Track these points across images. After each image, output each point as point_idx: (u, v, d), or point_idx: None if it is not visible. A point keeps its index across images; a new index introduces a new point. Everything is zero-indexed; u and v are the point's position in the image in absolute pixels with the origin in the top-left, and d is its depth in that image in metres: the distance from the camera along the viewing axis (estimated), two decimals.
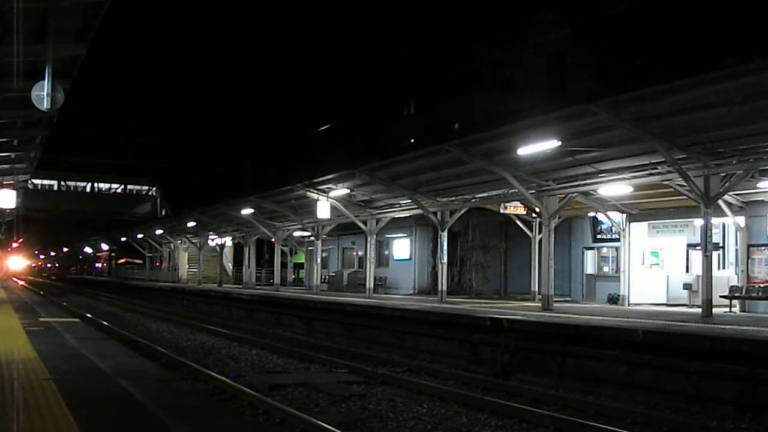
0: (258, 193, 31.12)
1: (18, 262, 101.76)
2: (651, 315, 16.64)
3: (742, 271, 19.52)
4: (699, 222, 17.33)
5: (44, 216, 60.05)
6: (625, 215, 22.19)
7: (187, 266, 51.88)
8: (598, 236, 25.66)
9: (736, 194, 18.55)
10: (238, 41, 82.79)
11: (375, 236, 27.87)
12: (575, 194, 19.49)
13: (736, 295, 19.03)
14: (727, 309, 18.72)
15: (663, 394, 11.35)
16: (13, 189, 25.00)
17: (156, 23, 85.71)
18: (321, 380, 12.91)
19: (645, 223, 22.31)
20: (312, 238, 33.79)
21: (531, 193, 19.49)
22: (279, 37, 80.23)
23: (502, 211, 24.84)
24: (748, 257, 19.42)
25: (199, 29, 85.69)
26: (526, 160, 17.45)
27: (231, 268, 51.93)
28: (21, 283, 65.05)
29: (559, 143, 15.62)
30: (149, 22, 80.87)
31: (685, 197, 17.22)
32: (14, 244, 73.77)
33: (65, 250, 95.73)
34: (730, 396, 10.63)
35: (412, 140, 42.66)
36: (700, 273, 17.23)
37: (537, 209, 20.88)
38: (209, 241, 46.47)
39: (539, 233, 23.20)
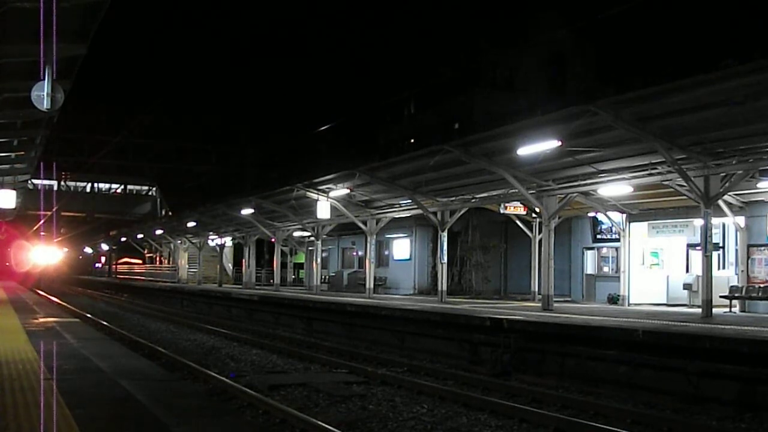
0: (258, 193, 31.13)
1: (48, 255, 65.51)
2: (651, 315, 16.64)
3: (742, 271, 19.52)
4: (699, 222, 17.33)
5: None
6: (625, 215, 22.19)
7: (187, 266, 51.88)
8: (598, 236, 25.66)
9: (736, 194, 18.55)
10: (239, 41, 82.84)
11: (375, 236, 27.87)
12: (575, 194, 19.48)
13: (736, 295, 19.03)
14: (727, 309, 18.73)
15: (663, 394, 11.36)
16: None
17: (157, 23, 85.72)
18: (321, 380, 12.92)
19: (645, 223, 22.32)
20: (312, 238, 33.79)
21: (531, 193, 19.49)
22: (279, 37, 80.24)
23: (502, 211, 24.83)
24: (748, 257, 19.42)
25: (199, 28, 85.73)
26: (526, 160, 17.44)
27: (231, 268, 51.94)
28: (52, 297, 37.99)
29: (559, 143, 15.61)
30: (150, 22, 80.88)
31: (685, 197, 17.22)
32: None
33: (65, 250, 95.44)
34: (730, 396, 10.64)
35: (412, 140, 42.68)
36: (700, 273, 17.23)
37: (537, 209, 20.88)
38: (209, 241, 46.47)
39: (539, 233, 23.20)
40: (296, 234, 39.17)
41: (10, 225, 51.98)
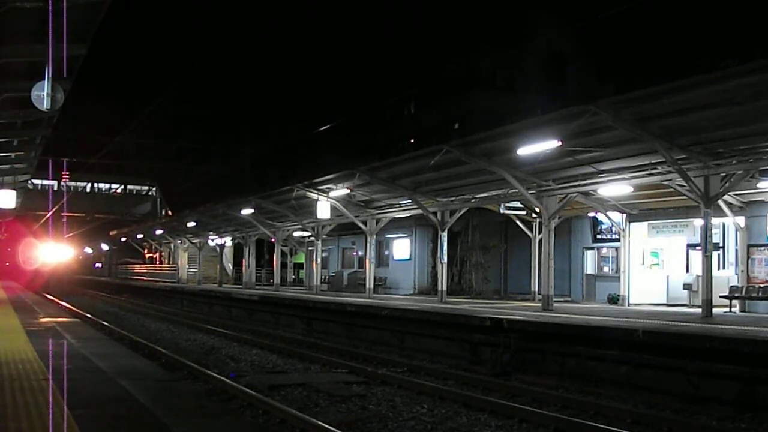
0: (258, 193, 31.13)
1: (57, 254, 60.55)
2: (651, 315, 16.64)
3: (742, 271, 19.52)
4: (699, 222, 17.33)
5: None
6: (625, 215, 22.19)
7: (187, 266, 51.89)
8: (598, 236, 25.66)
9: (736, 194, 18.55)
10: (239, 41, 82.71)
11: (375, 236, 27.87)
12: (575, 194, 19.48)
13: (736, 295, 19.03)
14: (727, 309, 18.72)
15: (663, 394, 11.36)
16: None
17: (158, 22, 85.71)
18: (321, 380, 12.92)
19: (645, 223, 22.32)
20: (312, 238, 33.80)
21: (531, 193, 19.49)
22: (279, 36, 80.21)
23: (502, 211, 24.83)
24: (748, 257, 19.42)
25: (199, 28, 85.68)
26: (526, 160, 17.44)
27: (231, 268, 51.92)
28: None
29: (559, 143, 15.61)
30: (151, 22, 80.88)
31: (685, 197, 17.22)
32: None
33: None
34: (730, 396, 10.64)
35: (412, 140, 42.65)
36: (700, 273, 17.23)
37: (537, 209, 20.87)
38: (209, 241, 46.46)
39: (539, 233, 23.20)
40: (296, 234, 39.16)
41: (12, 224, 51.64)
